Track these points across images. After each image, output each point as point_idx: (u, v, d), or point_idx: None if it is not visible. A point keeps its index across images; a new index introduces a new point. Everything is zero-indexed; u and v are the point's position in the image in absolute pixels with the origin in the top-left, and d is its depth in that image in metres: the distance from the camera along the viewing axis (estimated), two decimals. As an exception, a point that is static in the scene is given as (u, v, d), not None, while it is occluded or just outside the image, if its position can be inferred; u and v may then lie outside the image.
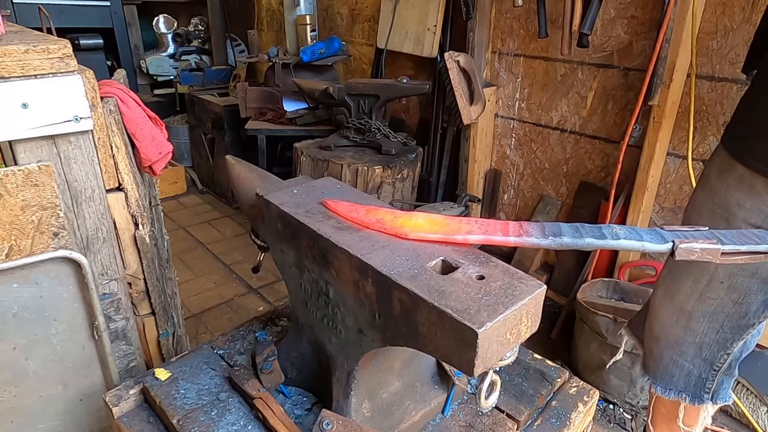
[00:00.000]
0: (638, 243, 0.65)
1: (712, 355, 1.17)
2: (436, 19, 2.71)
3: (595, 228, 0.69)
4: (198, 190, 3.96)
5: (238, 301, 2.61)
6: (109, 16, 4.05)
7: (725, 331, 1.13)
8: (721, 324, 1.12)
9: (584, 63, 2.30)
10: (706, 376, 1.20)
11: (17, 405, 1.12)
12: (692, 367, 1.20)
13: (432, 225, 0.75)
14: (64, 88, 0.96)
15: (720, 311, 1.11)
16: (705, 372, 1.19)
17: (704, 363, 1.18)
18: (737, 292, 1.08)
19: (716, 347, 1.16)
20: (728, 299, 1.09)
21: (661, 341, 1.22)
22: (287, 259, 0.88)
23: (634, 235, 0.66)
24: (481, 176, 2.81)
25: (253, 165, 1.05)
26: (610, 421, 1.91)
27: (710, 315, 1.12)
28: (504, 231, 0.71)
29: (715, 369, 1.19)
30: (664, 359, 1.22)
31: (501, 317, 0.58)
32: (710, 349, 1.16)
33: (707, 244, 0.63)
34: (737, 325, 1.11)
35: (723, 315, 1.11)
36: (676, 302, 1.17)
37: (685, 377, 1.21)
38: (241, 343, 1.07)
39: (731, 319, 1.11)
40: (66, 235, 1.03)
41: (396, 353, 0.84)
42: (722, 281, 1.09)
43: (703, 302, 1.12)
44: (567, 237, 0.68)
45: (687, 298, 1.14)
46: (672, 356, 1.21)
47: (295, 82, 2.93)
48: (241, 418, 0.87)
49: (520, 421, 0.90)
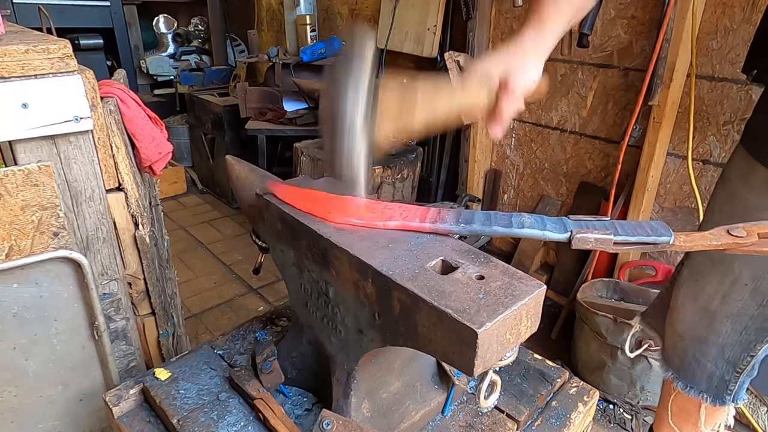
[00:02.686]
0: (540, 232, 0.69)
1: (735, 356, 1.15)
2: (436, 19, 2.71)
3: (505, 216, 0.72)
4: (198, 190, 3.96)
5: (238, 301, 2.61)
6: (109, 16, 4.05)
7: (749, 333, 1.12)
8: (745, 326, 1.11)
9: (584, 63, 2.30)
10: (729, 378, 1.18)
11: (17, 405, 1.12)
12: (714, 369, 1.19)
13: (356, 211, 0.76)
14: (64, 88, 0.96)
15: (744, 313, 1.10)
16: (728, 374, 1.18)
17: (727, 365, 1.17)
18: (761, 295, 1.06)
19: (739, 349, 1.14)
20: (752, 301, 1.08)
21: (685, 339, 1.21)
22: (287, 260, 0.88)
23: (539, 224, 0.70)
24: (481, 176, 2.81)
25: (253, 165, 1.05)
26: (610, 421, 1.91)
27: (734, 317, 1.11)
28: (422, 218, 0.74)
29: (738, 371, 1.17)
30: (687, 356, 1.21)
31: (501, 317, 0.58)
32: (733, 351, 1.15)
33: (601, 234, 0.66)
34: (761, 328, 1.10)
35: (747, 317, 1.10)
36: (699, 302, 1.16)
37: (707, 378, 1.20)
38: (241, 343, 1.07)
39: (755, 322, 1.10)
40: (66, 235, 1.03)
41: (396, 353, 0.84)
42: (746, 283, 1.08)
43: (726, 304, 1.11)
44: (477, 224, 0.71)
45: (711, 299, 1.13)
46: (695, 354, 1.20)
47: (295, 82, 2.93)
48: (241, 419, 0.87)
49: (520, 421, 0.90)
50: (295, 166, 2.68)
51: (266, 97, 3.31)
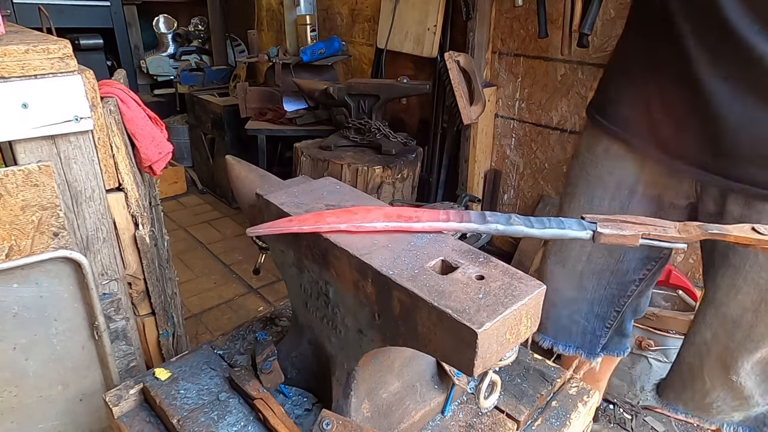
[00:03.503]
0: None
1: (603, 311, 1.30)
2: (436, 19, 2.71)
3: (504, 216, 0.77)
4: (198, 190, 3.96)
5: (238, 301, 2.61)
6: (109, 16, 4.05)
7: (612, 288, 1.27)
8: (608, 281, 1.26)
9: (584, 63, 2.30)
10: (600, 333, 1.34)
11: (17, 405, 1.12)
12: (587, 323, 1.33)
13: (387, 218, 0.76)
14: (64, 88, 0.96)
15: (605, 269, 1.24)
16: (599, 329, 1.33)
17: (597, 319, 1.32)
18: (618, 251, 1.22)
19: (606, 304, 1.29)
20: (611, 258, 1.23)
21: (558, 305, 1.33)
22: (287, 260, 0.88)
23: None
24: (481, 176, 2.81)
25: (253, 165, 1.05)
26: (610, 421, 1.91)
27: (598, 273, 1.25)
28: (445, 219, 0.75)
29: (607, 326, 1.33)
30: (562, 319, 1.34)
31: (501, 317, 0.58)
32: (601, 306, 1.30)
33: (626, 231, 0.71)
34: (621, 282, 1.26)
35: (608, 272, 1.25)
36: (567, 267, 1.28)
37: (581, 334, 1.34)
38: (241, 343, 1.07)
39: (615, 276, 1.25)
40: (66, 235, 1.03)
41: (396, 353, 0.84)
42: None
43: (591, 262, 1.25)
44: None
45: (577, 261, 1.26)
46: (569, 314, 1.33)
47: (295, 82, 2.93)
48: (241, 419, 0.87)
49: (520, 422, 0.90)
50: (295, 166, 2.68)
51: (266, 97, 3.31)
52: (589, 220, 0.72)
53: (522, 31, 2.49)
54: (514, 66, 2.56)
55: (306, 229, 0.75)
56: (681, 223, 0.71)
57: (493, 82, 2.66)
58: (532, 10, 2.32)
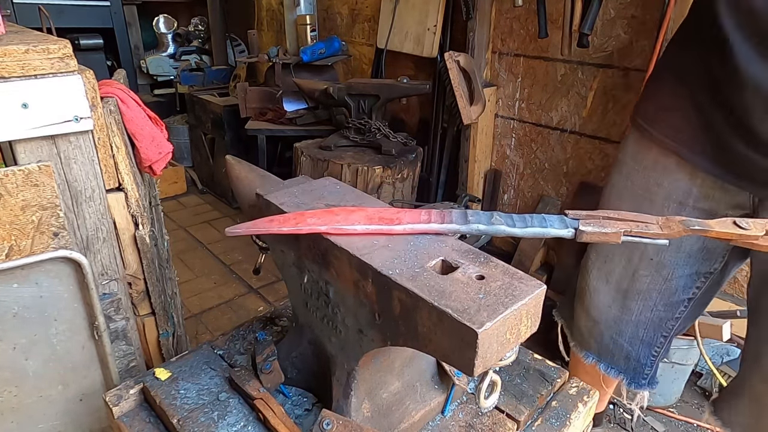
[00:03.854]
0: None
1: (649, 337, 1.22)
2: (436, 19, 2.71)
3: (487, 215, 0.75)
4: (198, 190, 3.96)
5: (238, 301, 2.61)
6: (109, 16, 4.05)
7: (659, 309, 1.19)
8: (655, 302, 1.19)
9: (584, 63, 2.30)
10: (645, 362, 1.25)
11: (17, 405, 1.12)
12: (630, 349, 1.25)
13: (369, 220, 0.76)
14: (64, 88, 0.96)
15: (652, 288, 1.17)
16: (644, 357, 1.25)
17: (643, 345, 1.23)
18: (666, 268, 1.14)
19: (653, 328, 1.21)
20: (659, 276, 1.16)
21: (600, 323, 1.27)
22: (287, 260, 0.88)
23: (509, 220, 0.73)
24: (481, 176, 2.81)
25: (253, 165, 1.05)
26: (610, 421, 1.91)
27: (644, 293, 1.18)
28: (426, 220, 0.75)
29: (654, 354, 1.24)
30: (605, 339, 1.27)
31: (501, 317, 0.58)
32: (647, 330, 1.22)
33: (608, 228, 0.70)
34: (669, 303, 1.18)
35: (655, 292, 1.18)
36: (611, 283, 1.22)
37: (624, 359, 1.26)
38: (241, 343, 1.07)
39: (663, 296, 1.17)
40: (66, 235, 1.03)
41: (396, 353, 0.84)
42: (652, 258, 1.15)
43: (636, 280, 1.18)
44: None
45: (622, 278, 1.20)
46: (612, 336, 1.26)
47: (295, 82, 2.93)
48: (241, 419, 0.87)
49: (520, 422, 0.90)
50: (295, 166, 2.68)
51: (266, 97, 3.31)
52: (571, 217, 0.71)
53: (522, 31, 2.49)
54: (514, 66, 2.56)
55: (285, 230, 0.75)
56: (663, 219, 0.70)
57: (493, 82, 2.66)
58: (532, 10, 2.32)
